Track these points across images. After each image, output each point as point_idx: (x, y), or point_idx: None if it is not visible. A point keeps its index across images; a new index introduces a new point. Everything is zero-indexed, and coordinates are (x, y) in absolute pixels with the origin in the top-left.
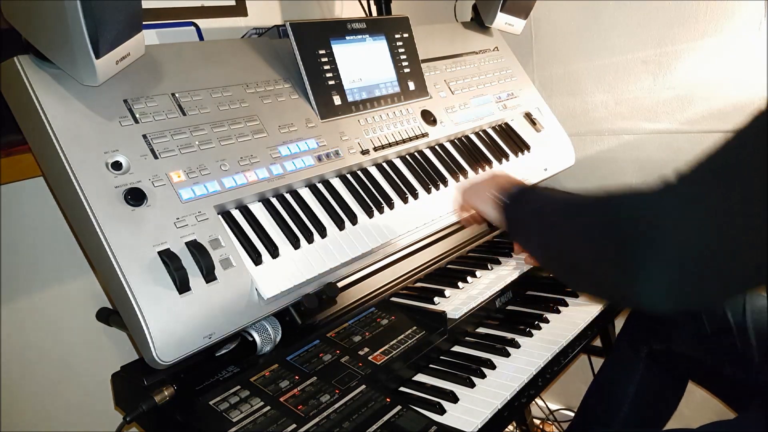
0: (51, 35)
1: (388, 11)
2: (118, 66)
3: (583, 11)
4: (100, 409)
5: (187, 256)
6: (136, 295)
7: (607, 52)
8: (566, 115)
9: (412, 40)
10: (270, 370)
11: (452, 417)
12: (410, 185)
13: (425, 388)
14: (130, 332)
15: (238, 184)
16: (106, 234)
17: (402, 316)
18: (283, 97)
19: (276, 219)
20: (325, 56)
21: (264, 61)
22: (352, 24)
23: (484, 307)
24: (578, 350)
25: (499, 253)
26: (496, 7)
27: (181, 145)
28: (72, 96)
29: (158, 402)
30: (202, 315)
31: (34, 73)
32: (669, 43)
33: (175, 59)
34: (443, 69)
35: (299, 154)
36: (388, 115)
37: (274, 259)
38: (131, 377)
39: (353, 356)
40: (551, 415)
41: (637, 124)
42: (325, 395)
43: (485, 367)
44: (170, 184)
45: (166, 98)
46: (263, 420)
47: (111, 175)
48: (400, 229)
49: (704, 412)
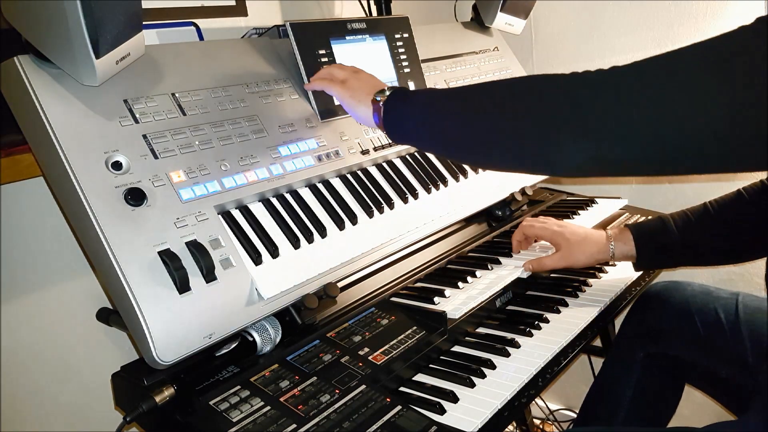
0: (51, 35)
1: (388, 11)
2: (118, 66)
3: (583, 11)
4: (100, 409)
5: (187, 256)
6: (136, 295)
7: (607, 52)
8: None
9: (412, 40)
10: (270, 370)
11: (452, 417)
12: (410, 185)
13: (425, 388)
14: (130, 332)
15: (238, 184)
16: (106, 234)
17: (402, 316)
18: (283, 97)
19: (276, 219)
20: (325, 56)
21: (264, 61)
22: (352, 24)
23: (484, 307)
24: (578, 350)
25: (499, 253)
26: (496, 7)
27: (181, 145)
28: (72, 96)
29: (158, 402)
30: (202, 315)
31: (34, 73)
32: (669, 43)
33: (175, 59)
34: (443, 69)
35: (299, 154)
36: None
37: (274, 259)
38: (131, 377)
39: (353, 356)
40: (551, 415)
41: None
42: (325, 395)
43: (485, 367)
44: (170, 184)
45: (166, 98)
46: (263, 420)
47: (111, 175)
48: (400, 229)
49: (704, 414)
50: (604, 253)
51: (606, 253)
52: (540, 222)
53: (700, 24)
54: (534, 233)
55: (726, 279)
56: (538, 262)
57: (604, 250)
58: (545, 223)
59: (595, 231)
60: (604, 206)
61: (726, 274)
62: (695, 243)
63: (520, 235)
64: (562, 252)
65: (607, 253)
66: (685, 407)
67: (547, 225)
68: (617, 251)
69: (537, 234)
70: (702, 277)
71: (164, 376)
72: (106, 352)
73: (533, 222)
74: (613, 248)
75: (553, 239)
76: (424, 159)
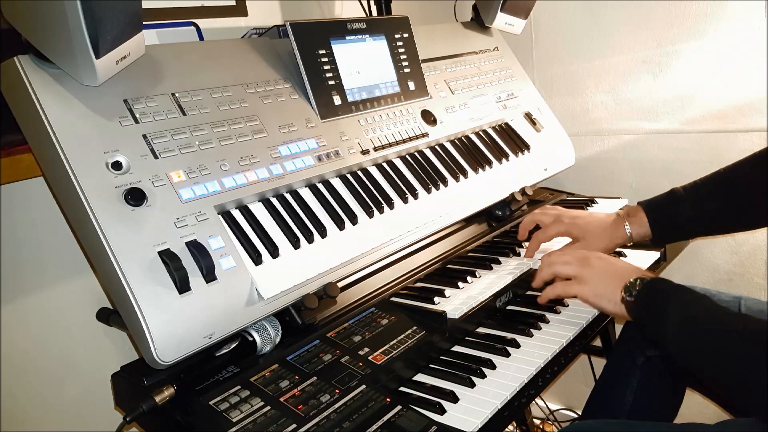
0: (51, 35)
1: (388, 11)
2: (118, 66)
3: (583, 11)
4: (100, 409)
5: (187, 256)
6: (136, 295)
7: (607, 52)
8: (566, 115)
9: (412, 40)
10: (270, 370)
11: (452, 417)
12: (410, 185)
13: (425, 388)
14: (130, 332)
15: (238, 184)
16: (106, 234)
17: (402, 316)
18: (283, 97)
19: (276, 219)
20: (325, 56)
21: (264, 61)
22: (352, 24)
23: (484, 307)
24: (578, 350)
25: (499, 253)
26: (496, 7)
27: (181, 145)
28: (72, 96)
29: (158, 402)
30: (202, 315)
31: (34, 73)
32: (669, 43)
33: (175, 59)
34: (443, 69)
35: (299, 154)
36: (388, 115)
37: (274, 259)
38: (131, 377)
39: (353, 356)
40: (551, 415)
41: (637, 124)
42: (325, 395)
43: (485, 367)
44: (170, 184)
45: (166, 98)
46: (263, 420)
47: (111, 175)
48: (400, 229)
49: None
50: (622, 236)
51: (623, 236)
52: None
53: (700, 24)
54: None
55: (726, 279)
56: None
57: (621, 234)
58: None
59: (607, 214)
60: (604, 206)
61: (726, 275)
62: (709, 211)
63: (530, 224)
64: (581, 243)
65: (624, 234)
66: (686, 408)
67: (561, 216)
68: (634, 232)
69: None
70: (702, 277)
71: (164, 376)
72: (106, 352)
73: (547, 210)
74: (630, 229)
75: (570, 232)
76: (424, 159)
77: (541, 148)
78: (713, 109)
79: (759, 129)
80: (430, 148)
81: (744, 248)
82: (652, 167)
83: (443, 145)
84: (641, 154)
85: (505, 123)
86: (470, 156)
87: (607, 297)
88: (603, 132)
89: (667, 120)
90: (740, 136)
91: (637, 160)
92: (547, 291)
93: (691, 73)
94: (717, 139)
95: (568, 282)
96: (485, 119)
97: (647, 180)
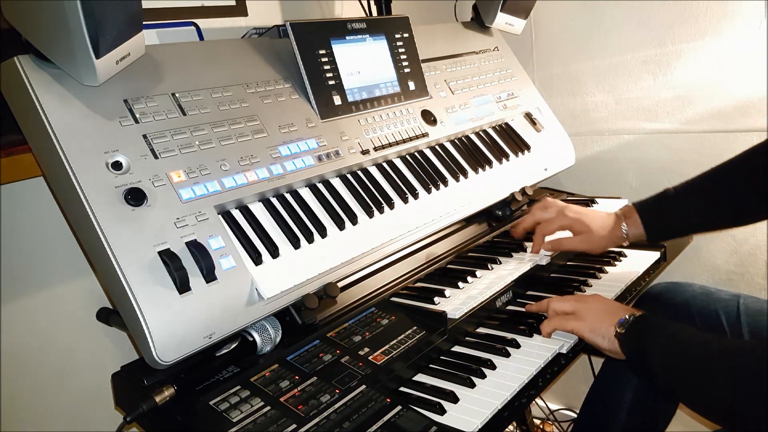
0: (51, 35)
1: (388, 11)
2: (119, 66)
3: (583, 11)
4: (100, 409)
5: (187, 256)
6: (136, 295)
7: (608, 52)
8: (566, 115)
9: (412, 40)
10: (270, 370)
11: (452, 417)
12: (410, 185)
13: (425, 388)
14: (130, 332)
15: (238, 184)
16: (106, 234)
17: (402, 316)
18: (283, 97)
19: (276, 219)
20: (325, 56)
21: (264, 61)
22: (352, 24)
23: (484, 307)
24: (578, 350)
25: (499, 253)
26: (496, 7)
27: (181, 145)
28: (72, 96)
29: (158, 402)
30: (202, 315)
31: (34, 73)
32: (669, 43)
33: (175, 59)
34: (443, 69)
35: (299, 154)
36: (388, 115)
37: (274, 259)
38: (131, 377)
39: (353, 356)
40: (551, 415)
41: (637, 124)
42: (326, 395)
43: (485, 367)
44: (170, 184)
45: (166, 98)
46: (263, 420)
47: (111, 175)
48: (400, 229)
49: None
50: (619, 236)
51: (621, 236)
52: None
53: (700, 24)
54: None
55: (726, 279)
56: (558, 242)
57: (619, 234)
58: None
59: (607, 213)
60: (605, 206)
61: (726, 274)
62: (698, 209)
63: (531, 224)
64: (584, 236)
65: (621, 234)
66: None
67: (564, 209)
68: (630, 233)
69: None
70: (702, 277)
71: (164, 376)
72: (106, 352)
73: (548, 203)
74: (626, 230)
75: (573, 226)
76: (424, 159)
77: (542, 148)
78: (713, 109)
79: (759, 129)
80: (430, 148)
81: (744, 248)
82: (652, 167)
83: (443, 145)
84: (641, 154)
85: (505, 123)
86: (470, 156)
87: (602, 333)
88: (603, 132)
89: (667, 120)
90: (740, 136)
91: (637, 160)
92: (544, 325)
93: (691, 73)
94: (717, 139)
95: (565, 317)
96: (485, 119)
97: (647, 180)
